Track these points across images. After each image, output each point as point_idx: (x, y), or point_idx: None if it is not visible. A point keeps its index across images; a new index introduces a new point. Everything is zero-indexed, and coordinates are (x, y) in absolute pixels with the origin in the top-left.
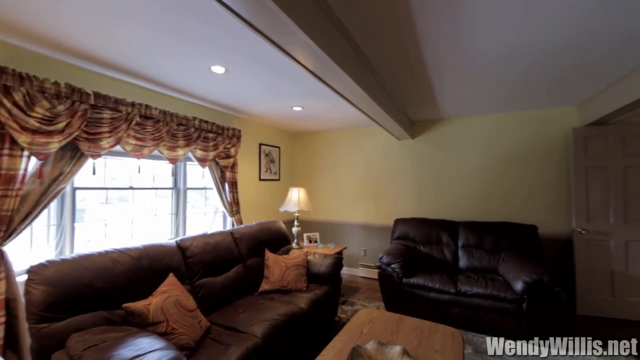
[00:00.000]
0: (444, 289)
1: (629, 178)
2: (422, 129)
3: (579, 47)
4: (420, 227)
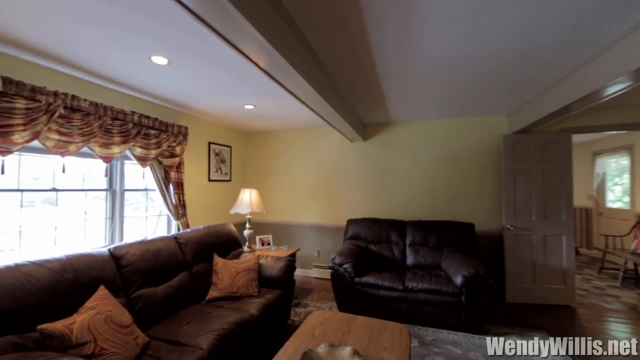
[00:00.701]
0: (392, 286)
1: (546, 180)
2: (373, 131)
3: (511, 64)
4: (371, 227)
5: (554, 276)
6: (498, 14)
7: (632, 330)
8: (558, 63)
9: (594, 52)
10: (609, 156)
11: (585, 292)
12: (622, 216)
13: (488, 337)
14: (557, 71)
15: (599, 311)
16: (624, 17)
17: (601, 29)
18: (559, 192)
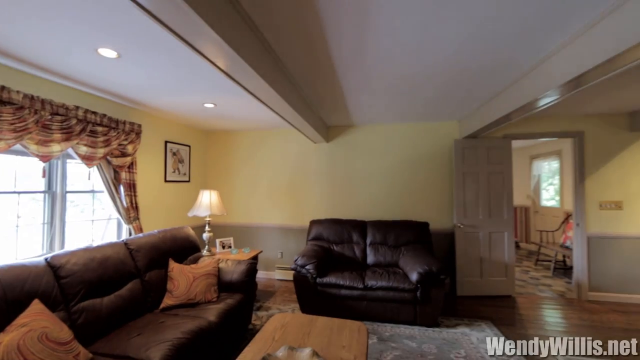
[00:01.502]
0: (353, 285)
1: (491, 182)
2: (336, 133)
3: (459, 75)
4: (334, 227)
5: (498, 269)
6: (445, 30)
7: (561, 315)
8: (499, 76)
9: (528, 68)
10: (543, 160)
11: (523, 283)
12: (554, 213)
13: (440, 328)
14: (498, 83)
15: (534, 299)
16: (551, 38)
17: (534, 48)
18: (502, 192)
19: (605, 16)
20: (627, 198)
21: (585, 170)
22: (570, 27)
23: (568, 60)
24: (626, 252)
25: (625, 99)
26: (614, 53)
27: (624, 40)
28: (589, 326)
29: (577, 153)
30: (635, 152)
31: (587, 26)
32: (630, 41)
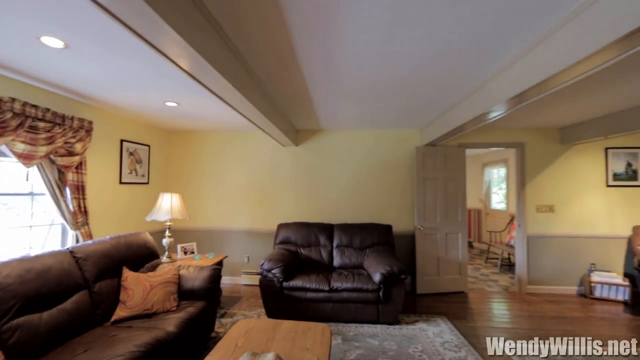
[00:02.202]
0: (319, 288)
1: (448, 187)
2: (305, 137)
3: (419, 88)
4: (301, 230)
5: (453, 268)
6: (405, 48)
7: (505, 307)
8: (455, 91)
9: (479, 84)
10: (493, 167)
11: (475, 279)
12: (501, 215)
13: (400, 325)
14: (454, 97)
15: (483, 294)
16: (496, 61)
17: (483, 68)
18: (457, 196)
19: (535, 47)
20: (558, 202)
21: (526, 177)
22: (509, 52)
23: (510, 80)
24: (557, 250)
25: (556, 116)
26: (544, 77)
27: (552, 66)
28: (527, 316)
29: (519, 162)
30: (564, 162)
31: (523, 53)
32: (557, 68)
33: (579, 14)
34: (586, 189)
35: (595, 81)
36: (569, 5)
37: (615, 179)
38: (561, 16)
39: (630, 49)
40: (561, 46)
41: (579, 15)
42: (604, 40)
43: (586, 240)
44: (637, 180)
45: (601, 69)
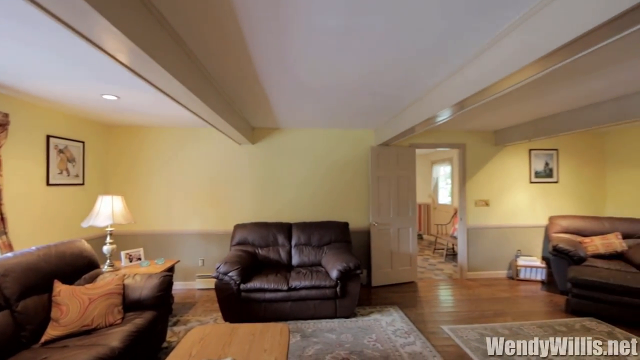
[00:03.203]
0: (278, 288)
1: (400, 184)
2: (261, 135)
3: (371, 92)
4: (259, 230)
5: (404, 260)
6: (358, 55)
7: (449, 293)
8: (405, 95)
9: (426, 90)
10: (440, 165)
11: (424, 269)
12: (447, 209)
13: (356, 318)
14: (404, 100)
15: (431, 282)
16: (440, 70)
17: (428, 76)
18: (408, 193)
19: (473, 60)
20: (492, 197)
21: (466, 175)
22: (451, 63)
23: (453, 89)
24: (491, 239)
25: (491, 121)
26: (481, 87)
27: (487, 78)
28: (466, 300)
29: (461, 161)
30: (497, 161)
31: (464, 64)
32: (491, 80)
33: (509, 33)
34: (514, 185)
35: (522, 93)
36: (502, 23)
37: (536, 177)
38: (494, 33)
39: (548, 68)
40: (494, 61)
41: (510, 34)
42: (531, 58)
43: (514, 230)
44: (552, 178)
45: (527, 82)
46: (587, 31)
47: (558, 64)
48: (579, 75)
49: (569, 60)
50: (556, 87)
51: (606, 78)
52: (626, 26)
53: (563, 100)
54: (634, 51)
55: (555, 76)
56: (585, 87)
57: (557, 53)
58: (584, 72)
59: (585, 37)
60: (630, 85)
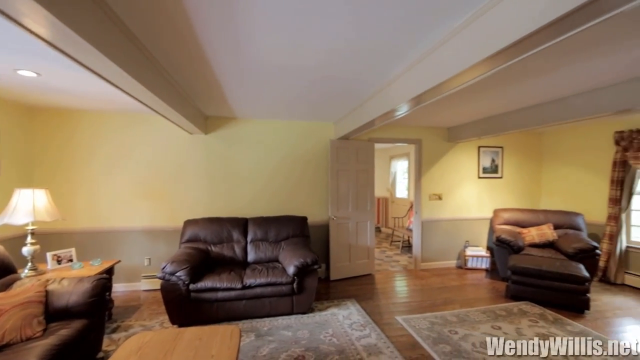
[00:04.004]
0: (231, 287)
1: (359, 178)
2: (215, 124)
3: (332, 83)
4: (212, 226)
5: (362, 253)
6: (313, 44)
7: (404, 284)
8: (364, 88)
9: (385, 84)
10: (398, 160)
11: (381, 261)
12: (404, 203)
13: (314, 313)
14: (364, 94)
15: (387, 274)
16: (397, 64)
17: (385, 70)
18: (367, 187)
19: (429, 54)
20: (445, 191)
21: (422, 170)
22: (407, 57)
23: (410, 83)
24: (443, 231)
25: (444, 118)
26: (435, 83)
27: (443, 73)
28: (419, 290)
29: (417, 156)
30: (449, 157)
31: (420, 58)
32: (445, 76)
33: (460, 31)
34: (465, 180)
35: (473, 92)
36: (459, 16)
37: (483, 172)
38: (448, 30)
39: (496, 67)
40: (448, 57)
41: (461, 32)
42: (485, 54)
43: (463, 222)
44: (497, 173)
45: (479, 79)
46: (531, 32)
47: (505, 64)
48: (523, 78)
49: (514, 61)
50: (504, 88)
51: (547, 81)
52: (567, 29)
53: (510, 100)
54: (571, 56)
55: (503, 77)
56: (529, 88)
57: (503, 53)
58: (528, 75)
59: (529, 38)
60: (568, 88)
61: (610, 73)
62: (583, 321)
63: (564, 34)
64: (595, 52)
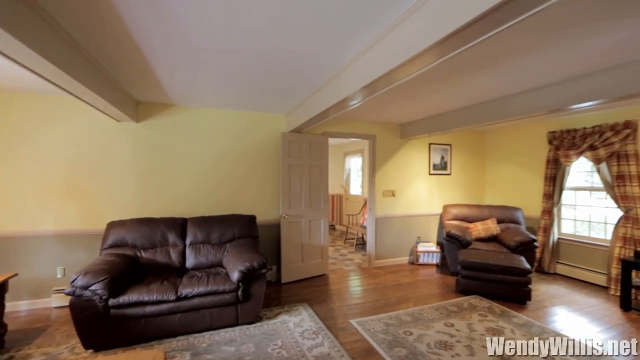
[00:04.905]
0: (162, 299)
1: (312, 174)
2: (149, 111)
3: (279, 69)
4: (142, 229)
5: (315, 253)
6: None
7: (358, 283)
8: (314, 74)
9: (336, 72)
10: (352, 156)
11: (335, 260)
12: (358, 200)
13: (261, 322)
14: (315, 81)
15: (342, 273)
16: (350, 49)
17: (338, 53)
18: (320, 184)
19: (380, 40)
20: (398, 188)
21: (376, 166)
22: (357, 43)
23: (362, 70)
24: (396, 227)
25: (397, 114)
26: (388, 69)
27: (394, 60)
28: (373, 289)
29: (371, 152)
30: (403, 154)
31: (371, 44)
32: (397, 61)
33: (410, 15)
34: (417, 176)
35: (423, 86)
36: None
37: (434, 169)
38: (401, 11)
39: (448, 53)
40: (399, 43)
41: (410, 16)
42: (435, 38)
43: (415, 218)
44: (446, 170)
45: (428, 68)
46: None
47: (455, 51)
48: (468, 75)
49: (463, 48)
50: (451, 85)
51: (488, 80)
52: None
53: (457, 98)
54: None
55: (450, 73)
56: (472, 87)
57: (453, 37)
58: (470, 74)
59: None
60: (507, 87)
61: (543, 74)
62: (526, 312)
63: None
64: (525, 56)
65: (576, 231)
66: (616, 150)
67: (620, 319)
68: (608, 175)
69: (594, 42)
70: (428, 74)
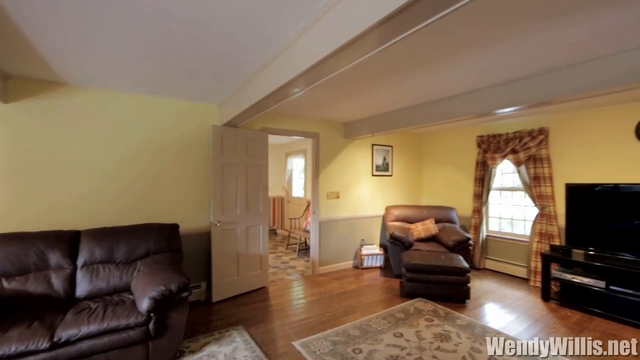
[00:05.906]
0: (28, 349)
1: (249, 175)
2: (27, 90)
3: (199, 33)
4: (7, 248)
5: (253, 263)
6: None
7: (301, 295)
8: (249, 58)
9: (273, 54)
10: (294, 157)
11: (276, 269)
12: (301, 202)
13: (184, 358)
14: (249, 65)
15: (284, 284)
16: (287, 28)
17: (275, 32)
18: (259, 185)
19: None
20: (343, 190)
21: (320, 167)
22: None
23: (301, 53)
24: (340, 231)
25: (340, 112)
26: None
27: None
28: (317, 300)
29: (314, 151)
30: (346, 154)
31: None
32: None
33: None
34: (361, 178)
35: (363, 83)
36: None
37: (377, 170)
38: None
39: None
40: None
41: None
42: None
43: (359, 221)
44: (388, 171)
45: (372, 54)
46: None
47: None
48: (407, 74)
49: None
50: (396, 80)
51: (425, 80)
52: None
53: (396, 98)
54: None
55: (391, 69)
56: (409, 88)
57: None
58: (418, 65)
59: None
60: (445, 89)
61: (472, 79)
62: (466, 311)
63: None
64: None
65: (501, 228)
66: (533, 154)
67: (543, 309)
68: (526, 176)
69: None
70: (372, 68)
